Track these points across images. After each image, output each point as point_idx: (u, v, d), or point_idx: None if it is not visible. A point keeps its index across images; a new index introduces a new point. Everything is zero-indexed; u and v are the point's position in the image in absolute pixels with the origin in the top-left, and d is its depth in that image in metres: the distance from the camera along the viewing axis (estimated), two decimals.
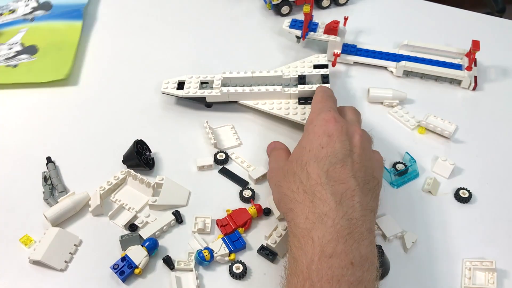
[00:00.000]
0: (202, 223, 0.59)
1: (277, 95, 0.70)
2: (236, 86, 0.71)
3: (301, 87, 0.70)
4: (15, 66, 0.80)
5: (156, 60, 0.81)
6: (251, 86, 0.71)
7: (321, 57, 0.74)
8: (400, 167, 0.65)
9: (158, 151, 0.67)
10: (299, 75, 0.71)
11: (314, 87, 0.69)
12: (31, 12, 0.90)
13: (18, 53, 0.82)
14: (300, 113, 0.69)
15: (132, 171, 0.63)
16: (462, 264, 0.56)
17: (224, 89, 0.70)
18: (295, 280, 0.47)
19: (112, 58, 0.82)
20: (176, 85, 0.72)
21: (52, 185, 0.63)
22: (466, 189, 0.62)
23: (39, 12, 0.90)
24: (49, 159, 0.66)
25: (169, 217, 0.60)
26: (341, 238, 0.47)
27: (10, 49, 0.83)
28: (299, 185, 0.52)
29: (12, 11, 0.91)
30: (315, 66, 0.72)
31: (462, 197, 0.62)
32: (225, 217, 0.59)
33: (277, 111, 0.69)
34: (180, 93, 0.71)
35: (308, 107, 0.69)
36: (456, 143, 0.69)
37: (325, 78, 0.70)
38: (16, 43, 0.84)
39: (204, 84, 0.72)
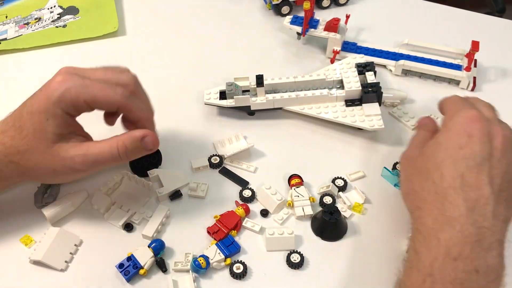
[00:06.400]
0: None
1: (323, 98, 0.68)
2: (279, 92, 0.70)
3: (347, 87, 0.68)
4: (64, 26, 0.86)
5: (155, 59, 0.82)
6: (294, 91, 0.70)
7: (358, 57, 0.75)
8: None
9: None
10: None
11: (360, 87, 0.68)
12: None
13: (61, 14, 0.89)
14: (349, 115, 0.67)
15: (128, 172, 0.63)
16: None
17: (270, 96, 0.69)
18: (415, 274, 0.47)
19: None
20: (218, 95, 0.71)
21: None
22: None
23: None
24: None
25: (164, 208, 0.60)
26: (468, 243, 0.46)
27: (52, 12, 0.89)
28: (431, 185, 0.50)
29: None
30: (358, 65, 0.71)
31: None
32: (215, 224, 0.59)
33: (325, 115, 0.68)
34: (225, 103, 0.70)
35: (356, 109, 0.68)
36: None
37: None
38: (55, 6, 0.90)
39: (245, 92, 0.71)
